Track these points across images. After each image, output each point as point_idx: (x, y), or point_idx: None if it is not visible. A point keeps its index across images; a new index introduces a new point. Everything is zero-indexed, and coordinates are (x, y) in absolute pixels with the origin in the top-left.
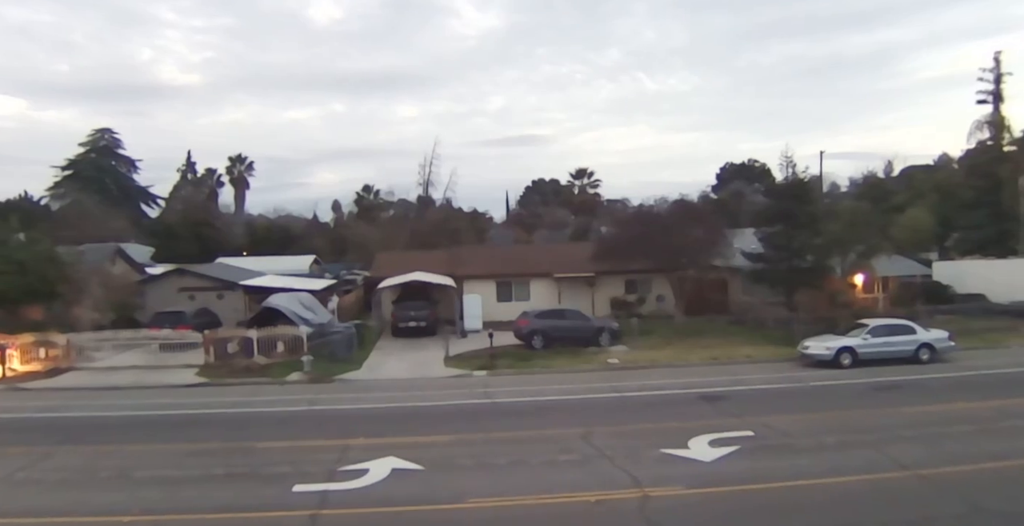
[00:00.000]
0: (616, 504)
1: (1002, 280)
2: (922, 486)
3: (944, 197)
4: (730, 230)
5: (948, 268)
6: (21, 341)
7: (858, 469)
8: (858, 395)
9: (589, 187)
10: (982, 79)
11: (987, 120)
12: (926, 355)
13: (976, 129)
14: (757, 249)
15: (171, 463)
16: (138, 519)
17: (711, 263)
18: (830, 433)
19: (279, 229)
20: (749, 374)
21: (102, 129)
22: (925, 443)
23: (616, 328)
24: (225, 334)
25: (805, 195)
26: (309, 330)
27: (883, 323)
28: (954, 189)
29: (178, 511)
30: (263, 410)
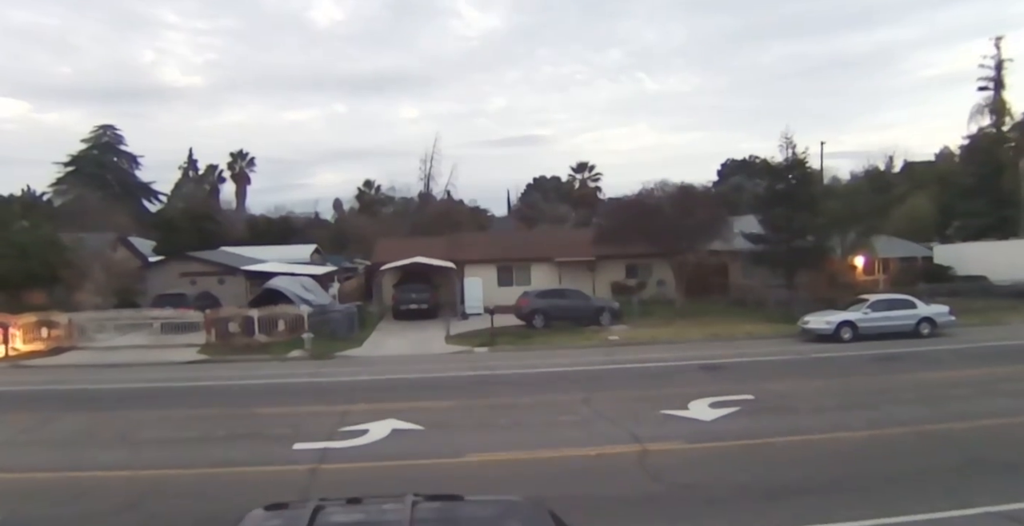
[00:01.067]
0: (615, 458)
1: (1003, 261)
2: (922, 441)
3: (944, 187)
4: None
5: (949, 251)
6: (23, 321)
7: (858, 426)
8: (859, 364)
9: (590, 181)
10: (983, 65)
11: (987, 104)
12: (927, 329)
13: (976, 113)
14: (757, 231)
15: (171, 427)
16: (139, 474)
17: (711, 247)
18: (830, 396)
19: (280, 222)
20: (749, 348)
21: (104, 126)
22: (925, 404)
23: (617, 307)
24: (226, 313)
25: (805, 176)
26: (310, 309)
27: (883, 298)
28: (954, 177)
29: (178, 466)
30: (264, 382)
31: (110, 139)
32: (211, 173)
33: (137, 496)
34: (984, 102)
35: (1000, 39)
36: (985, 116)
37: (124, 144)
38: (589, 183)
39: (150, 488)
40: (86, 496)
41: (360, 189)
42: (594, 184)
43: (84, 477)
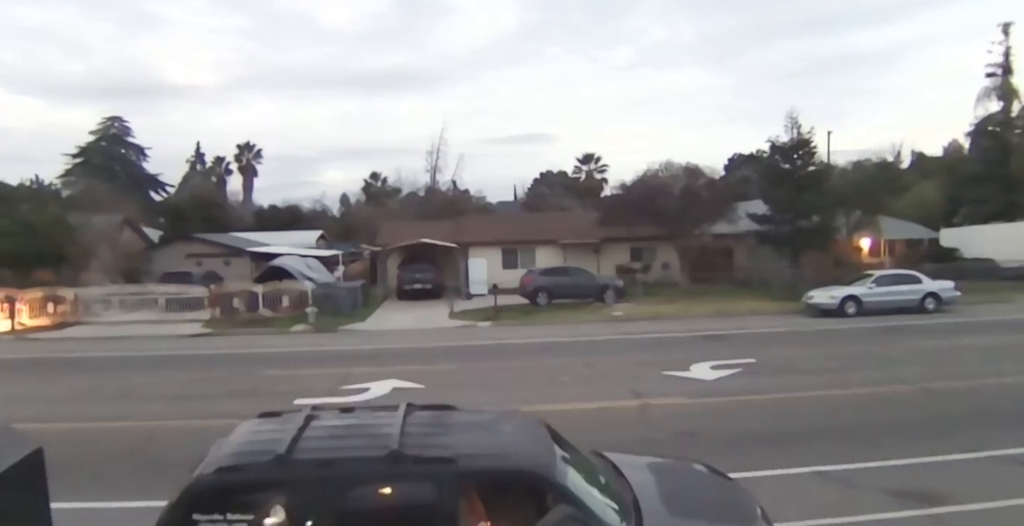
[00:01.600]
0: (616, 411)
1: (1010, 244)
2: (925, 396)
3: (952, 176)
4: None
5: (955, 234)
6: (30, 296)
7: (862, 384)
8: (862, 335)
9: (596, 172)
10: (991, 51)
11: (995, 87)
12: (932, 304)
13: (984, 96)
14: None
15: (172, 386)
16: (141, 424)
17: (716, 230)
18: (834, 360)
19: (287, 211)
20: (753, 322)
21: (112, 117)
22: (930, 365)
23: (621, 285)
24: (230, 289)
25: (810, 155)
26: (314, 285)
27: (888, 273)
28: (962, 165)
29: (178, 418)
30: (267, 350)
31: (118, 131)
32: (218, 165)
33: (138, 442)
34: (992, 85)
35: (1009, 25)
36: (992, 100)
37: (132, 136)
38: (595, 175)
39: (150, 436)
40: (89, 443)
41: (367, 181)
42: (600, 176)
43: (87, 427)
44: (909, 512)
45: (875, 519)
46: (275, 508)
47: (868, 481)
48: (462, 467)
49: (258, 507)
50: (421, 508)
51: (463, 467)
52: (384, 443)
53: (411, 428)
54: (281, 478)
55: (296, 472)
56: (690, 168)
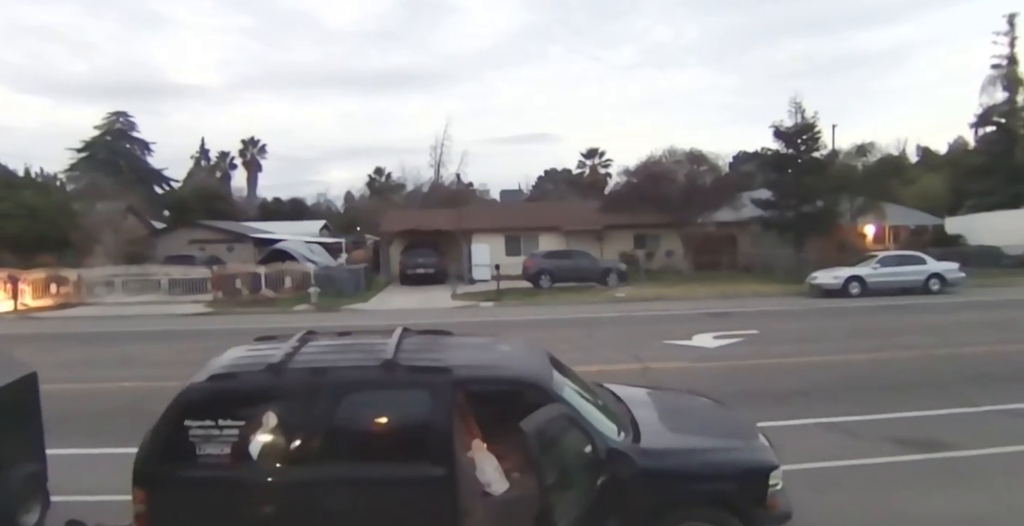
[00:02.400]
0: (617, 374)
1: (1015, 231)
2: (928, 361)
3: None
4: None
5: (960, 221)
6: (33, 276)
7: (864, 351)
8: (866, 312)
9: (600, 167)
10: (996, 42)
11: (1000, 74)
12: (936, 285)
13: (989, 85)
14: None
15: (171, 353)
16: (139, 385)
17: (720, 218)
18: (836, 332)
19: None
20: (756, 302)
21: (117, 112)
22: (933, 336)
23: (624, 269)
24: (233, 270)
25: (814, 140)
26: (316, 267)
27: (893, 253)
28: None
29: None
30: (269, 326)
31: (123, 126)
32: (223, 160)
33: (135, 401)
34: (996, 73)
35: (1014, 16)
36: (998, 89)
37: (137, 131)
38: (599, 169)
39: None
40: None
41: (371, 176)
42: (604, 170)
43: (85, 388)
44: (911, 456)
45: (879, 462)
46: (267, 415)
47: (871, 431)
48: (457, 376)
49: (251, 414)
50: (416, 415)
51: (458, 376)
52: (379, 356)
53: (407, 346)
54: (274, 385)
55: (290, 380)
56: (694, 154)
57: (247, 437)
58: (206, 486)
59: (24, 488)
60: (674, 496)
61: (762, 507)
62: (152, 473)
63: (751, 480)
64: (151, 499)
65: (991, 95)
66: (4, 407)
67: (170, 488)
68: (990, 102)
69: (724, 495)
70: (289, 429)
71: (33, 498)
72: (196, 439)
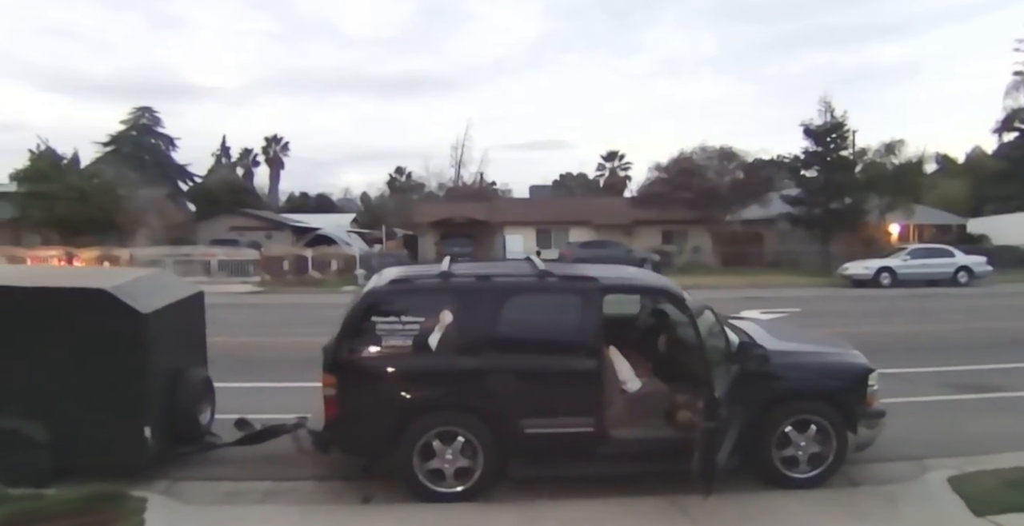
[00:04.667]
0: None
1: None
2: (966, 332)
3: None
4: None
5: (983, 222)
6: (87, 254)
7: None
8: (899, 298)
9: (620, 170)
10: (1018, 50)
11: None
12: (964, 278)
13: (1012, 89)
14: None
15: (245, 317)
16: (226, 339)
17: (748, 215)
18: (876, 311)
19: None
20: (790, 290)
21: (143, 108)
22: (970, 314)
23: (658, 259)
24: (281, 252)
25: (844, 138)
26: (362, 251)
27: (923, 246)
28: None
29: (262, 336)
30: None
31: (148, 121)
32: (246, 157)
33: (232, 349)
34: (1020, 79)
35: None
36: (1021, 94)
37: (162, 126)
38: (619, 172)
39: (238, 348)
40: None
41: (391, 175)
42: (624, 173)
43: None
44: (966, 395)
45: (939, 399)
46: (444, 313)
47: (926, 379)
48: (603, 284)
49: (428, 312)
50: (569, 316)
51: (604, 284)
52: (531, 270)
53: (550, 266)
54: (447, 288)
55: (459, 285)
56: (724, 150)
57: (426, 331)
58: (390, 372)
59: (201, 390)
60: (790, 389)
61: (862, 404)
62: (342, 362)
63: (854, 379)
64: (341, 383)
65: (1015, 100)
66: (187, 314)
67: (358, 374)
68: (1014, 106)
69: (831, 391)
70: (461, 325)
71: (206, 400)
72: (382, 333)
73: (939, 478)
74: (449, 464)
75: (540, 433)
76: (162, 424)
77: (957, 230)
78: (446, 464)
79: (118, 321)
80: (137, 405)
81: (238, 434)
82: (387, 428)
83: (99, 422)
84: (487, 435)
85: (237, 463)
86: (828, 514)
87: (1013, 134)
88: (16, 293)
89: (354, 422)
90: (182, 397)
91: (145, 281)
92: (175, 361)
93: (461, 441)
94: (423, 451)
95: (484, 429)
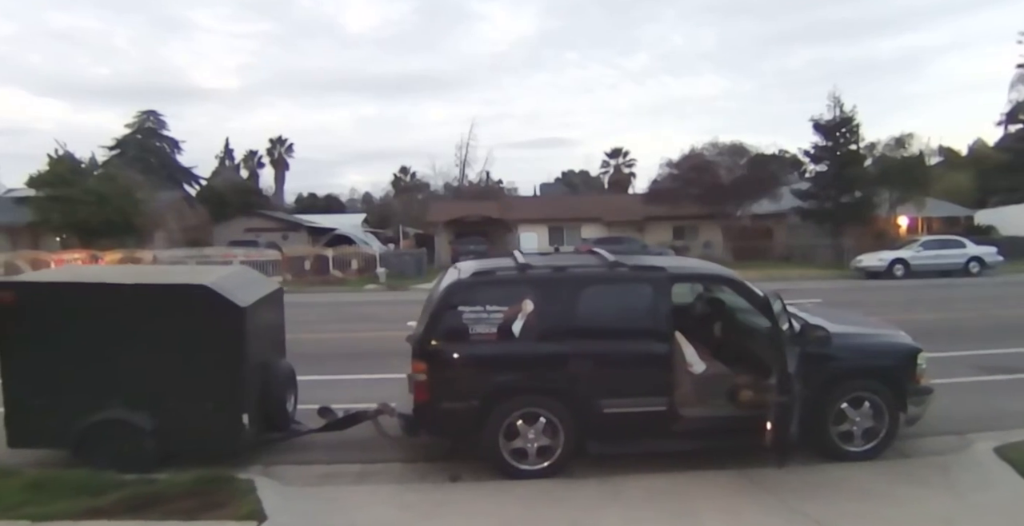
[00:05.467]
0: None
1: None
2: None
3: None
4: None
5: (991, 213)
6: (110, 256)
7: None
8: (915, 288)
9: (624, 167)
10: (1021, 42)
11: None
12: (976, 268)
13: (1018, 82)
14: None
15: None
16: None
17: (759, 210)
18: (895, 301)
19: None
20: (805, 282)
21: (147, 111)
22: (988, 302)
23: (673, 254)
24: (302, 252)
25: (852, 132)
26: (382, 250)
27: (935, 237)
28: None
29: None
30: (352, 300)
31: (153, 124)
32: (251, 159)
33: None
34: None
35: None
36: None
37: (167, 129)
38: (623, 169)
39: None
40: None
41: (396, 175)
42: (628, 170)
43: None
44: (996, 376)
45: (970, 380)
46: (525, 302)
47: (956, 362)
48: (671, 273)
49: (509, 301)
50: (641, 304)
51: (672, 273)
52: (602, 261)
53: (619, 257)
54: (526, 279)
55: (537, 276)
56: (735, 146)
57: (509, 319)
58: (477, 357)
59: (287, 380)
60: (847, 369)
61: (912, 381)
62: (432, 349)
63: (904, 359)
64: (431, 369)
65: (1020, 92)
66: (272, 308)
67: (446, 361)
68: (1019, 98)
69: (884, 369)
70: (542, 313)
71: (292, 389)
72: (467, 321)
73: (985, 448)
74: (532, 443)
75: (617, 412)
76: (256, 412)
77: (965, 222)
78: (529, 443)
79: (218, 315)
80: (235, 394)
81: (321, 422)
82: (474, 411)
83: (200, 410)
84: (567, 415)
85: (323, 448)
86: (887, 481)
87: (1018, 126)
88: (123, 290)
89: (443, 406)
90: (272, 386)
91: (235, 277)
92: (265, 352)
93: (543, 421)
94: (507, 431)
95: (564, 410)
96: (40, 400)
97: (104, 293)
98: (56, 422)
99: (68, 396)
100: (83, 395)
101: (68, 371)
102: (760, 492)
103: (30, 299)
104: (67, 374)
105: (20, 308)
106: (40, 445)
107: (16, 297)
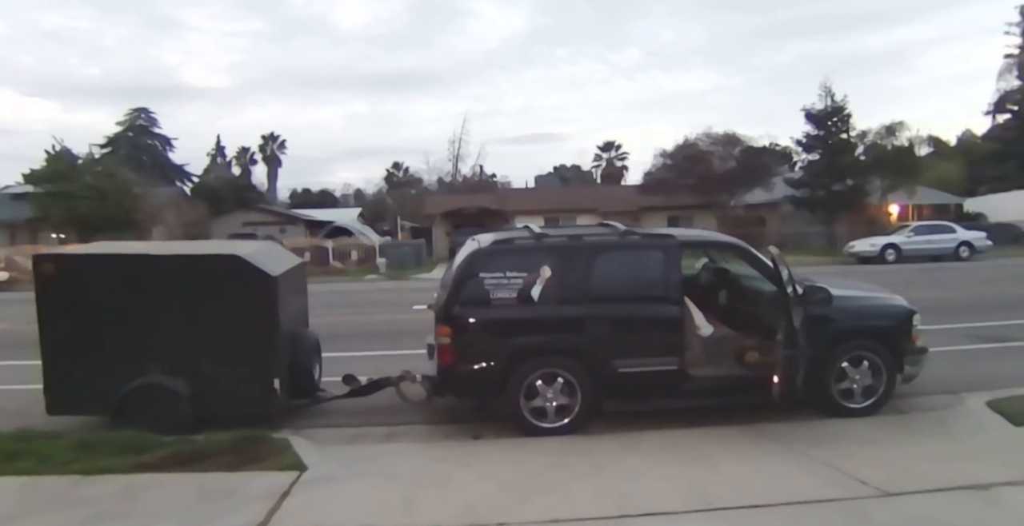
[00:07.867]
0: None
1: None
2: (979, 298)
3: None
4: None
5: (980, 201)
6: None
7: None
8: (908, 272)
9: (616, 160)
10: (1008, 32)
11: (1018, 61)
12: (966, 252)
13: (1005, 71)
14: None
15: None
16: None
17: (752, 199)
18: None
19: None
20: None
21: (139, 109)
22: (976, 283)
23: None
24: (303, 243)
25: (844, 121)
26: (382, 241)
27: (925, 223)
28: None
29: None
30: (353, 288)
31: (144, 122)
32: (243, 155)
33: None
34: (1013, 61)
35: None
36: (1013, 72)
37: (158, 127)
38: (616, 162)
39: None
40: None
41: (389, 171)
42: (620, 163)
43: None
44: (989, 345)
45: (965, 349)
46: (543, 268)
47: (950, 333)
48: (680, 240)
49: (528, 268)
50: (653, 270)
51: (681, 240)
52: (615, 230)
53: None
54: (543, 247)
55: (553, 243)
56: (729, 136)
57: (529, 285)
58: (498, 321)
59: (314, 348)
60: (847, 329)
61: (908, 341)
62: (456, 314)
63: (901, 319)
64: (455, 333)
65: (1008, 82)
66: (298, 280)
67: (469, 325)
68: (1007, 88)
69: (883, 330)
70: (559, 279)
71: (317, 357)
72: (489, 287)
73: (978, 402)
74: (551, 402)
75: (631, 372)
76: (285, 378)
77: (955, 210)
78: (548, 402)
79: (251, 284)
80: (268, 360)
81: (345, 389)
82: (496, 372)
83: (234, 376)
84: (584, 375)
85: (349, 413)
86: (887, 431)
87: (1006, 116)
88: (159, 261)
89: (467, 367)
90: (300, 354)
91: (264, 250)
92: (292, 321)
93: (561, 381)
94: (528, 391)
95: (582, 370)
96: (81, 368)
97: (142, 264)
98: (96, 389)
99: (108, 364)
100: (122, 362)
101: (108, 340)
102: (768, 441)
103: (71, 271)
104: (107, 343)
105: (61, 280)
106: (80, 412)
107: (57, 269)
